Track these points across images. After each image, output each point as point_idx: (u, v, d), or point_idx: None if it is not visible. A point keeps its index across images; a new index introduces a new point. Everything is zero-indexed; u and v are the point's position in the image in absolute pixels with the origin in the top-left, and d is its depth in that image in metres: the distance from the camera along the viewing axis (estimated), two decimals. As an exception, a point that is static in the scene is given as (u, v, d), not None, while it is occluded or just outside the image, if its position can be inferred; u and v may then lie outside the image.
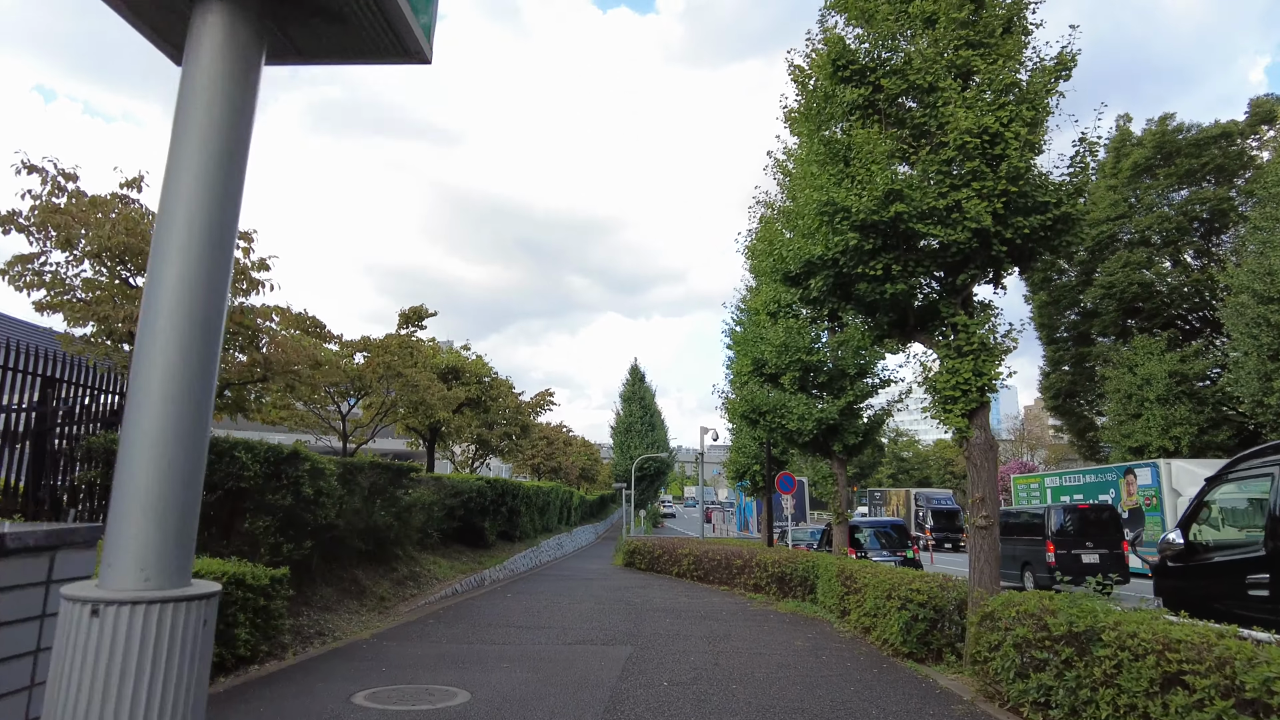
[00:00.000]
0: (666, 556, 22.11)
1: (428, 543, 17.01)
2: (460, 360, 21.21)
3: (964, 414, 8.66)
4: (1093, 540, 19.59)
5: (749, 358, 16.11)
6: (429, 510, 16.48)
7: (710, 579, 19.14)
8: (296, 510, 9.57)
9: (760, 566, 16.51)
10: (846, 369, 15.07)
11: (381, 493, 14.22)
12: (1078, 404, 37.86)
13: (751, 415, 16.01)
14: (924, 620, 8.81)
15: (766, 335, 15.88)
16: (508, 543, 23.98)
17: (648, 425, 55.04)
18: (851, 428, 15.21)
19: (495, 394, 22.16)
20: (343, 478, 12.01)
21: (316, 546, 10.98)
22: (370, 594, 12.78)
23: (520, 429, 25.71)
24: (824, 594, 13.89)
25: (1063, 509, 21.03)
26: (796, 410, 14.98)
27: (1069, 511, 20.69)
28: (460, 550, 19.44)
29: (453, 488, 18.09)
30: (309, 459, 9.91)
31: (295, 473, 9.42)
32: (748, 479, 25.08)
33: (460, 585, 16.15)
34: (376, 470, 13.69)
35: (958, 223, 8.20)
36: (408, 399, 14.59)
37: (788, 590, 15.53)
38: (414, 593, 14.26)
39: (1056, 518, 20.24)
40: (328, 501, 10.62)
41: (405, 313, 15.79)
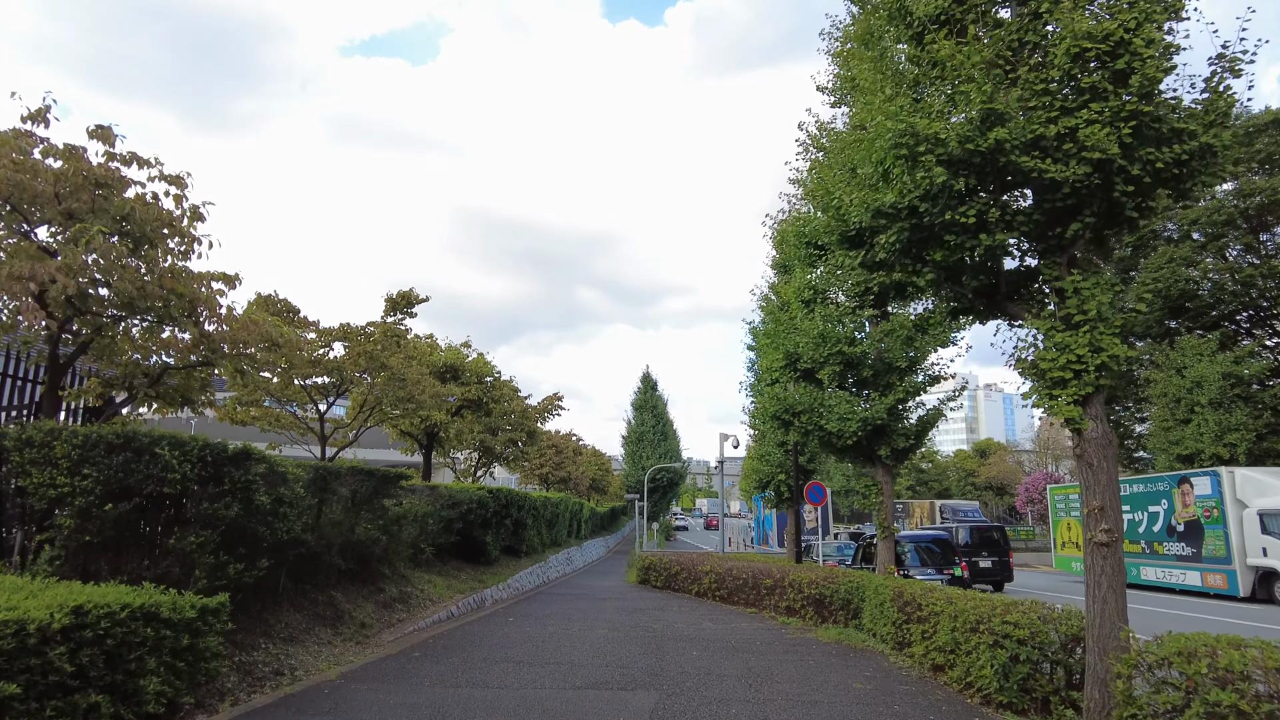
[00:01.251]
0: (685, 574, 20.26)
1: (421, 559, 15.26)
2: (459, 358, 19.46)
3: (1075, 400, 6.87)
4: (987, 551, 24.89)
5: (780, 351, 14.33)
6: (422, 523, 14.74)
7: (735, 599, 17.31)
8: (247, 523, 7.83)
9: (794, 587, 14.67)
10: (894, 362, 13.27)
11: (366, 503, 12.50)
12: (1113, 410, 35.82)
13: (784, 416, 14.20)
14: (1026, 662, 6.99)
15: (800, 326, 14.09)
16: (512, 558, 22.19)
17: (660, 435, 53.18)
18: (900, 429, 13.38)
19: (498, 395, 20.37)
20: (314, 485, 10.28)
21: (279, 566, 9.24)
22: (349, 620, 11.02)
23: (526, 435, 23.92)
24: (872, 619, 12.05)
25: (968, 529, 26.49)
26: (838, 409, 13.17)
27: (973, 530, 26.27)
28: (459, 567, 17.68)
29: (450, 498, 16.35)
30: (264, 461, 8.19)
31: (244, 477, 7.68)
32: (771, 489, 23.19)
33: (457, 607, 14.38)
34: (359, 477, 11.96)
35: (1072, 155, 6.43)
36: (393, 395, 12.87)
37: (827, 614, 13.69)
38: (402, 617, 12.49)
39: (964, 535, 25.85)
40: (291, 513, 8.88)
41: (393, 298, 14.00)
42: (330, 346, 12.60)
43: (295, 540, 9.23)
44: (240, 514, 7.65)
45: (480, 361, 20.17)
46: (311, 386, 12.49)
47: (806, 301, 14.55)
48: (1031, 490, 58.04)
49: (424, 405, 13.68)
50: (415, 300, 13.95)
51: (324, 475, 10.28)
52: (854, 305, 13.52)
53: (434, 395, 14.51)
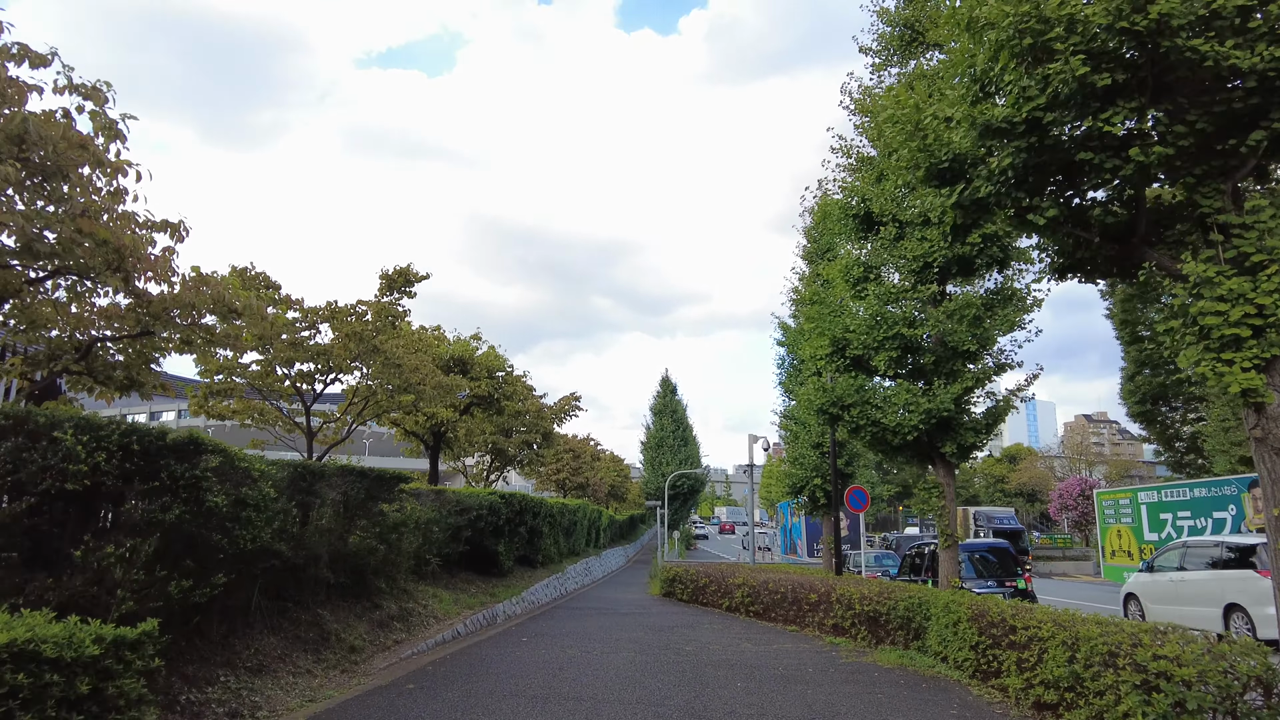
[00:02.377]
0: (715, 587, 18.61)
1: (425, 571, 13.74)
2: (468, 351, 17.89)
3: (1255, 365, 5.25)
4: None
5: (825, 337, 12.71)
6: (426, 531, 13.23)
7: (772, 616, 15.66)
8: (194, 529, 6.33)
9: (843, 603, 13.03)
10: (959, 345, 11.62)
11: (360, 509, 11.02)
12: (1161, 410, 33.85)
13: (831, 410, 12.57)
14: (1198, 713, 5.32)
15: (849, 308, 12.48)
16: (527, 569, 20.65)
17: (680, 440, 51.47)
18: (968, 422, 11.73)
19: (510, 392, 18.80)
20: (293, 487, 8.78)
21: (246, 582, 7.74)
22: (336, 643, 9.50)
23: (542, 437, 22.35)
24: (941, 641, 10.41)
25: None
26: (897, 400, 11.54)
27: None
28: (469, 579, 16.15)
29: (458, 503, 14.83)
30: (220, 453, 6.68)
31: (189, 472, 6.19)
32: (805, 494, 21.51)
33: (464, 625, 12.84)
34: (350, 479, 10.47)
35: (1261, 34, 4.82)
36: (388, 382, 11.34)
37: (882, 634, 12.04)
38: (400, 638, 10.96)
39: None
40: (259, 518, 7.37)
41: (389, 274, 12.36)
42: (316, 329, 11.13)
43: (266, 551, 7.72)
44: (185, 518, 6.15)
45: (491, 355, 18.60)
46: (296, 375, 11.00)
47: (855, 281, 12.94)
48: (1066, 496, 55.80)
49: (425, 397, 12.13)
50: (415, 277, 12.35)
51: (304, 475, 8.79)
52: (911, 283, 11.91)
53: (438, 387, 12.98)
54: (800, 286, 23.61)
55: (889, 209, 12.71)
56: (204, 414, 10.64)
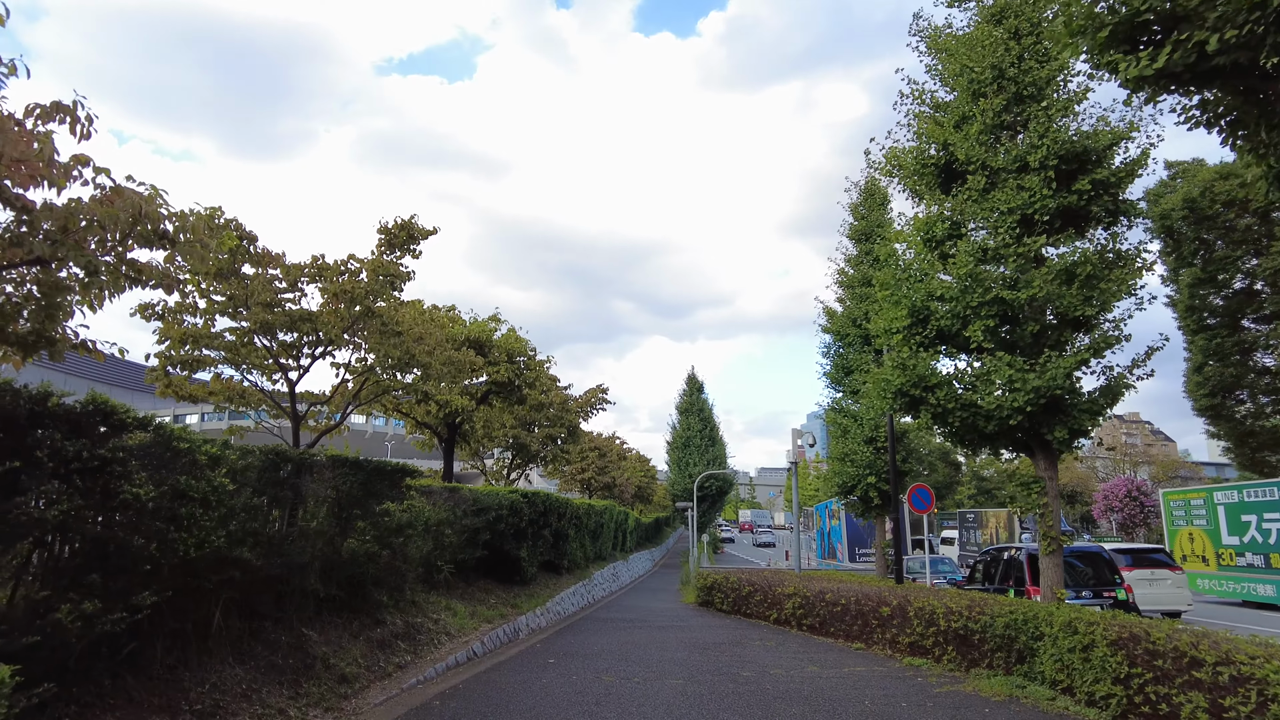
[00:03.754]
0: (760, 596, 16.71)
1: (437, 580, 11.97)
2: (485, 333, 16.02)
3: None
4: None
5: (903, 308, 10.80)
6: (438, 533, 11.47)
7: (830, 631, 13.77)
8: (101, 531, 4.56)
9: (923, 617, 11.12)
10: (1071, 311, 9.66)
11: (356, 506, 9.27)
12: (1229, 404, 31.44)
13: (913, 392, 10.65)
14: None
15: (931, 272, 10.55)
16: (552, 575, 18.86)
17: (708, 440, 49.49)
18: (1084, 403, 9.76)
19: (532, 379, 16.92)
20: (265, 479, 7.01)
21: (196, 599, 5.98)
22: (323, 671, 7.73)
23: (567, 431, 20.53)
24: (1061, 668, 8.50)
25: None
26: (998, 376, 9.59)
27: None
28: (487, 588, 14.37)
29: (475, 502, 13.06)
30: (144, 426, 4.91)
31: (90, 452, 4.42)
32: (858, 494, 19.52)
33: (481, 643, 11.06)
34: (343, 470, 8.72)
35: None
36: (387, 354, 9.52)
37: (976, 656, 10.13)
38: (404, 661, 9.19)
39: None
40: (207, 517, 5.60)
41: (388, 228, 10.09)
42: (300, 290, 9.35)
43: (222, 559, 5.95)
44: (84, 517, 4.37)
45: (512, 337, 16.71)
46: (279, 348, 9.23)
47: (938, 240, 11.01)
48: (1111, 498, 53.22)
49: (433, 374, 10.32)
50: (420, 232, 10.37)
51: (279, 464, 7.02)
52: (1011, 237, 9.96)
53: (448, 363, 11.16)
54: (848, 268, 21.70)
55: (976, 155, 10.79)
56: (171, 393, 8.95)
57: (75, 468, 4.31)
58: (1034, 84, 10.66)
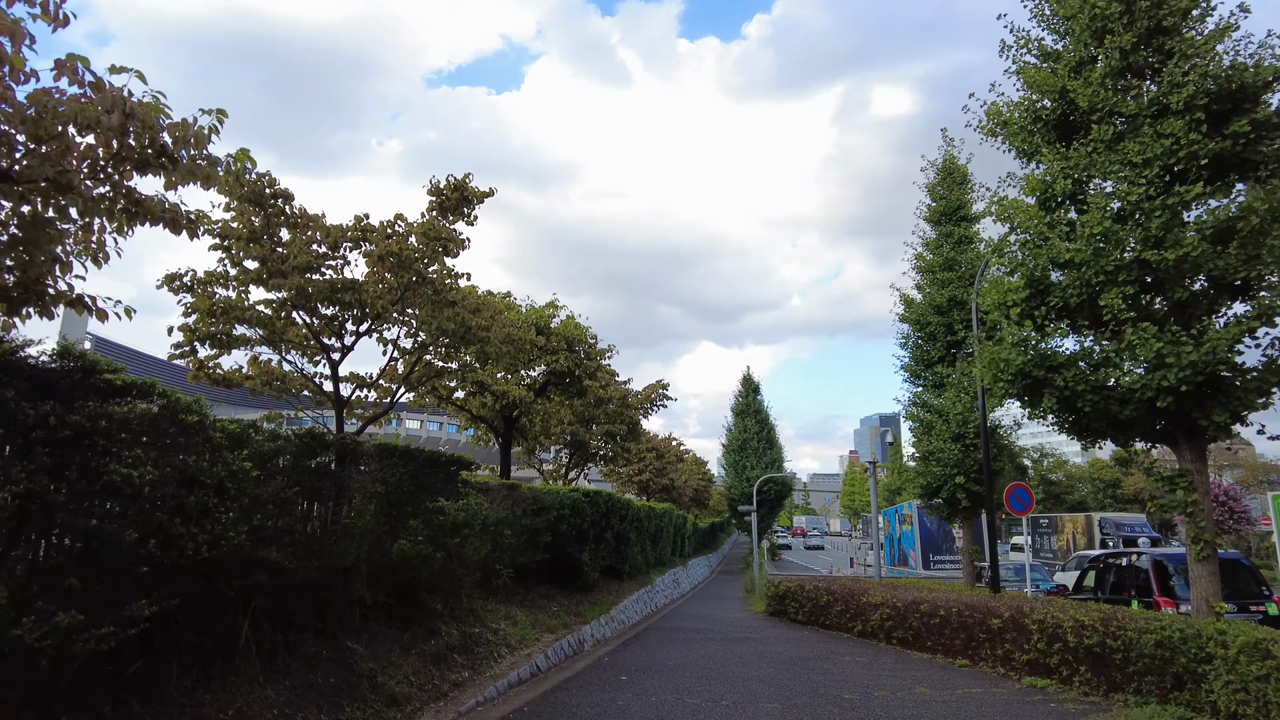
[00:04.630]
0: (841, 606, 15.32)
1: (495, 585, 10.93)
2: (543, 319, 14.90)
3: None
4: None
5: (1021, 278, 9.41)
6: (496, 534, 10.42)
7: (927, 645, 12.39)
8: (80, 523, 3.55)
9: (1045, 631, 9.73)
10: (1227, 275, 8.17)
11: (409, 503, 8.27)
12: None
13: (1036, 373, 9.25)
14: None
15: (1052, 234, 9.15)
16: (613, 581, 17.74)
17: (765, 442, 47.79)
18: (1249, 381, 8.26)
19: (592, 369, 15.77)
20: (299, 468, 6.01)
21: (218, 609, 4.99)
22: (370, 691, 6.71)
23: (627, 428, 19.38)
24: (1242, 699, 7.06)
25: None
26: (1144, 350, 8.15)
27: None
28: (548, 594, 13.31)
29: (535, 501, 12.02)
30: (141, 393, 3.92)
31: (63, 419, 3.41)
32: (944, 495, 17.99)
33: (545, 656, 9.96)
34: (392, 461, 7.72)
35: None
36: (439, 325, 8.45)
37: (1117, 678, 8.72)
38: (461, 679, 8.14)
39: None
40: (223, 508, 4.59)
41: (439, 187, 8.99)
42: (343, 257, 8.36)
43: (245, 560, 4.94)
44: (50, 503, 3.37)
45: (571, 324, 15.60)
46: (320, 325, 8.24)
47: (1055, 201, 9.60)
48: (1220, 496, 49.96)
49: (492, 353, 9.26)
50: (474, 195, 9.32)
51: (316, 450, 6.00)
52: (1153, 191, 8.51)
53: (508, 342, 10.10)
54: (926, 253, 20.20)
55: (1102, 101, 9.37)
56: (203, 376, 8.07)
57: (39, 438, 3.32)
58: (1173, 14, 9.21)
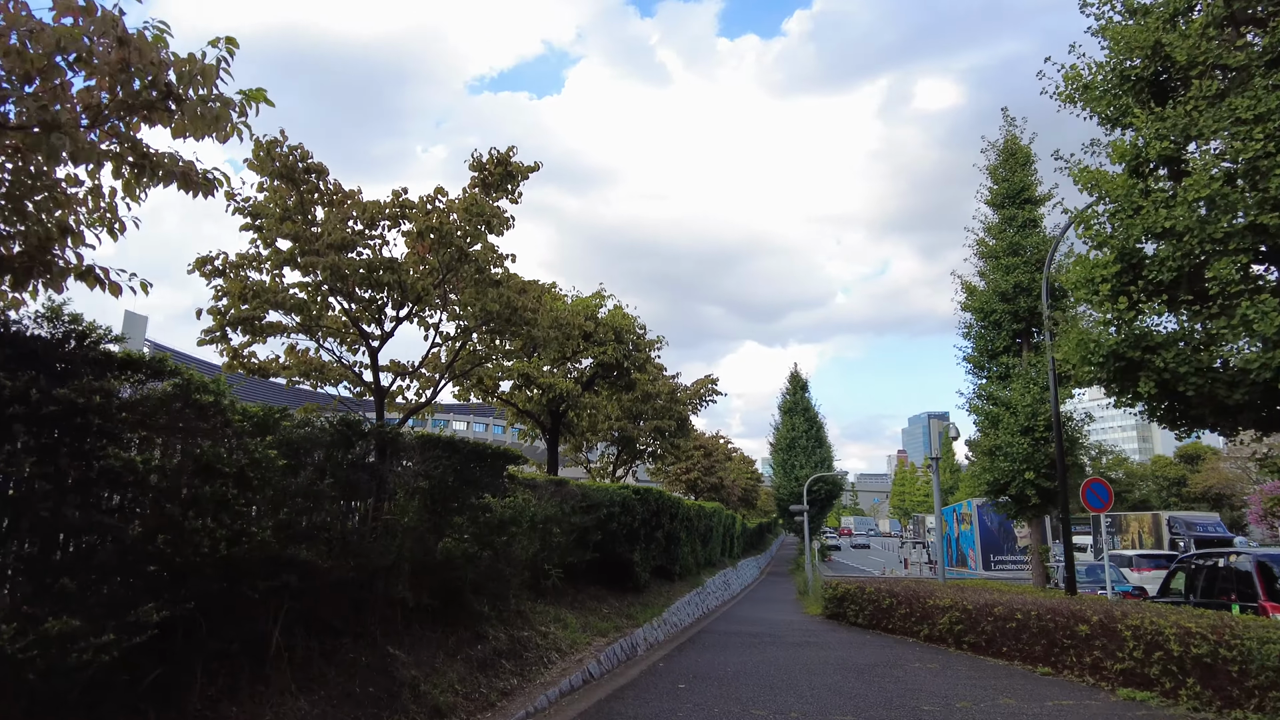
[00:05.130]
0: (906, 609, 14.52)
1: (544, 586, 10.43)
2: (589, 308, 14.30)
3: None
4: None
5: (1112, 251, 8.58)
6: (545, 533, 9.91)
7: (1003, 651, 11.58)
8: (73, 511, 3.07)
9: (1143, 638, 8.92)
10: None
11: (453, 498, 7.79)
12: None
13: (1131, 354, 8.42)
14: None
15: (1147, 204, 8.31)
16: (664, 582, 17.15)
17: (814, 441, 46.75)
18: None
19: (641, 360, 15.12)
20: (333, 460, 5.53)
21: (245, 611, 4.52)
22: (412, 701, 6.21)
23: (676, 424, 18.75)
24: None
25: None
26: (1265, 325, 7.29)
27: None
28: (598, 595, 12.78)
29: (584, 498, 11.51)
30: (149, 367, 3.43)
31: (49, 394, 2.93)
32: (1012, 492, 17.03)
33: (598, 662, 9.41)
34: (435, 453, 7.23)
35: None
36: (484, 306, 7.90)
37: (1234, 694, 7.88)
38: (510, 686, 7.62)
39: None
40: (244, 500, 4.11)
41: (482, 161, 8.35)
42: (379, 235, 7.86)
43: (273, 559, 4.45)
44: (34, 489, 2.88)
45: (618, 314, 14.98)
46: (358, 309, 7.76)
47: (1148, 168, 8.75)
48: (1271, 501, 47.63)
49: (540, 339, 8.71)
50: (519, 170, 8.67)
51: (350, 439, 5.52)
52: (1275, 143, 7.63)
53: (555, 326, 9.54)
54: (988, 238, 19.25)
55: (1204, 53, 8.50)
56: (238, 365, 7.68)
57: (18, 414, 2.85)
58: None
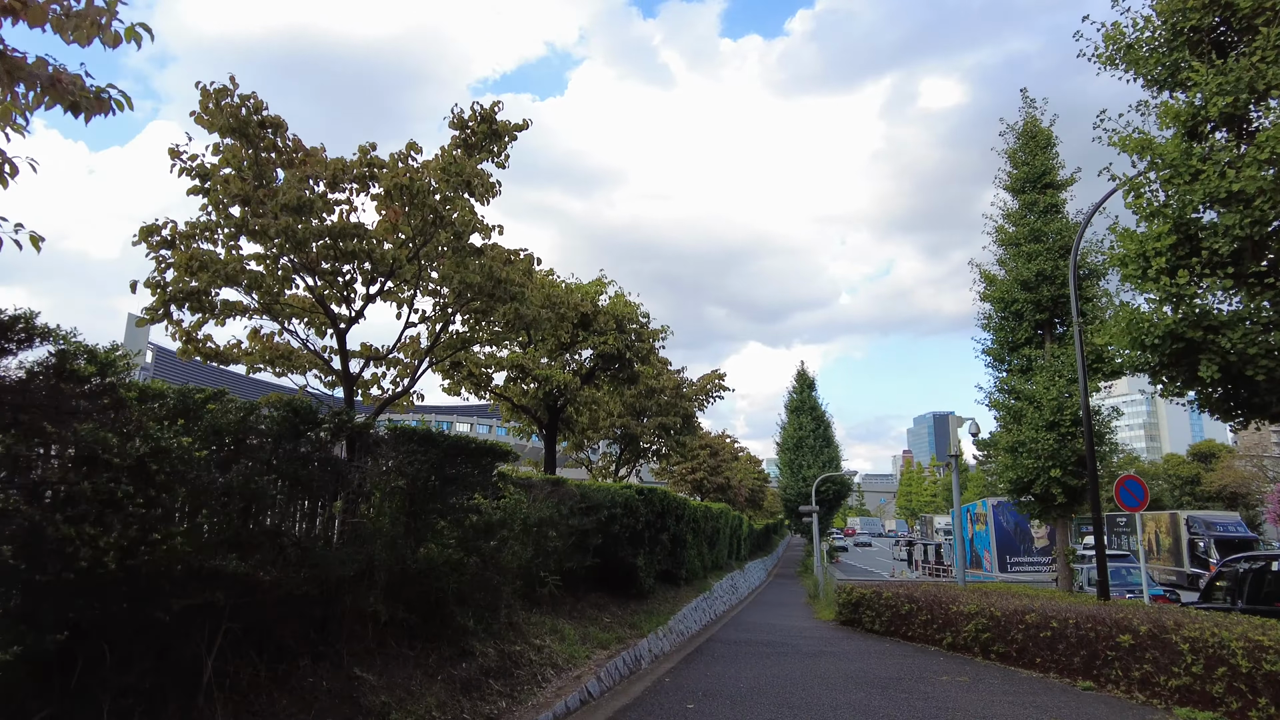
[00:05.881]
0: (927, 615, 13.65)
1: (539, 595, 9.58)
2: (589, 297, 13.33)
3: None
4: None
5: (1165, 222, 7.71)
6: (539, 537, 9.07)
7: (1035, 662, 10.77)
8: None
9: (1203, 652, 8.05)
10: None
11: (434, 499, 6.96)
12: None
13: (1191, 335, 7.55)
14: None
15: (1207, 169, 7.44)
16: (669, 587, 16.29)
17: (822, 440, 45.82)
18: None
19: (645, 351, 14.15)
20: (279, 451, 4.70)
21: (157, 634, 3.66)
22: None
23: (681, 420, 17.86)
24: None
25: None
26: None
27: None
28: (599, 603, 11.93)
29: (583, 498, 10.66)
30: None
31: None
32: (1036, 490, 16.14)
33: (597, 679, 8.55)
34: (410, 447, 6.39)
35: None
36: (464, 279, 6.96)
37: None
38: (499, 708, 6.78)
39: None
40: (142, 499, 3.25)
41: (464, 118, 7.44)
42: (348, 202, 6.99)
43: (194, 572, 3.60)
44: None
45: (620, 301, 14.01)
46: (322, 284, 6.86)
47: (1206, 129, 7.87)
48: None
49: (530, 318, 7.81)
50: (505, 129, 7.43)
51: (299, 427, 4.67)
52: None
53: (548, 305, 8.68)
54: (1008, 225, 18.38)
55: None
56: (192, 350, 6.82)
57: None
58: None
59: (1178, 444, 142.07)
